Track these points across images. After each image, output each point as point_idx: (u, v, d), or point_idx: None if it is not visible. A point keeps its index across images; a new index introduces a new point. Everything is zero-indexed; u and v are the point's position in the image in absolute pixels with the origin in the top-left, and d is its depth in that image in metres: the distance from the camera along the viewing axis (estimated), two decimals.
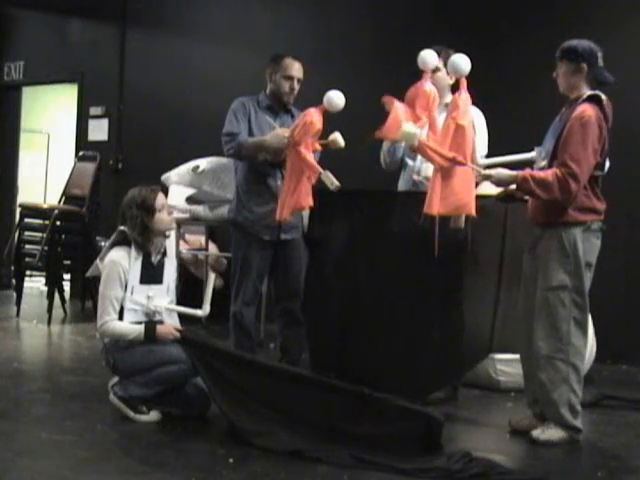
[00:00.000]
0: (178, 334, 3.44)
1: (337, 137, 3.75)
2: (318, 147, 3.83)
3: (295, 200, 3.70)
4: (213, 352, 3.39)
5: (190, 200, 5.92)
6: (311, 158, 3.71)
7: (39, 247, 6.29)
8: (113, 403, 3.55)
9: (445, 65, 3.90)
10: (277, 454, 3.03)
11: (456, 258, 3.57)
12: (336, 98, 3.68)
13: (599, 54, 3.37)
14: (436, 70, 3.95)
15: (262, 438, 3.14)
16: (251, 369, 3.35)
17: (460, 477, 2.85)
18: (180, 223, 5.87)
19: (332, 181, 3.58)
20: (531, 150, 3.52)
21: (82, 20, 7.89)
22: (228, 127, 4.09)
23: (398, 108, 3.46)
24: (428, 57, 3.61)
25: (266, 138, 3.95)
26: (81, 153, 7.57)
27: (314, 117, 3.69)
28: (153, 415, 3.48)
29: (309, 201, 3.71)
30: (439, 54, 3.94)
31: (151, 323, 3.50)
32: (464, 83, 3.41)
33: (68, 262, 6.64)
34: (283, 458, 2.99)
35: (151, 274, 3.59)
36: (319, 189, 3.74)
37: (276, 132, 3.91)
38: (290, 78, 4.10)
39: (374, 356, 3.72)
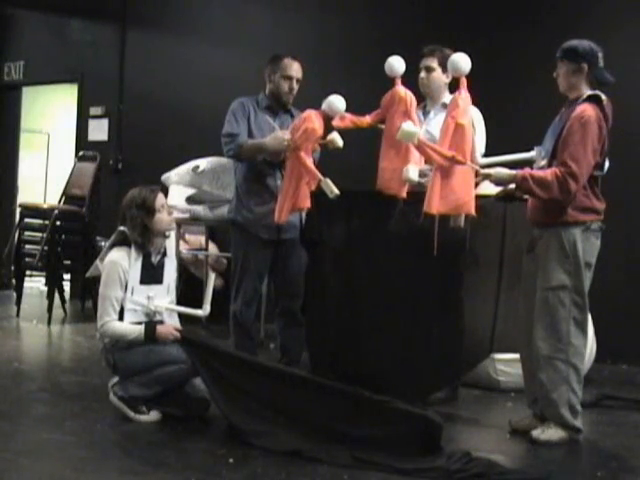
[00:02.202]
0: (178, 334, 3.44)
1: (335, 137, 3.75)
2: (317, 147, 3.83)
3: (293, 202, 3.72)
4: (213, 352, 3.39)
5: (190, 200, 5.92)
6: (311, 164, 3.72)
7: (39, 247, 6.29)
8: (113, 403, 3.55)
9: (440, 64, 3.92)
10: (277, 454, 3.03)
11: (456, 258, 3.57)
12: (337, 102, 3.68)
13: (599, 54, 3.37)
14: (431, 70, 3.98)
15: (262, 439, 3.14)
16: (251, 370, 3.35)
17: (460, 477, 2.85)
18: (180, 223, 5.87)
19: (332, 189, 3.59)
20: (531, 150, 3.53)
21: (82, 20, 7.89)
22: (228, 128, 4.09)
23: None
24: (395, 64, 3.64)
25: (266, 141, 3.95)
26: (81, 153, 7.56)
27: (315, 124, 3.70)
28: (153, 415, 3.48)
29: (307, 202, 3.73)
30: (434, 54, 3.96)
31: (151, 323, 3.51)
32: (464, 82, 3.41)
33: (68, 262, 6.64)
34: (283, 458, 3.00)
35: (151, 274, 3.59)
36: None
37: (276, 134, 3.91)
38: (289, 78, 4.10)
39: (374, 357, 3.71)
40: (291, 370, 3.57)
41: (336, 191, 3.60)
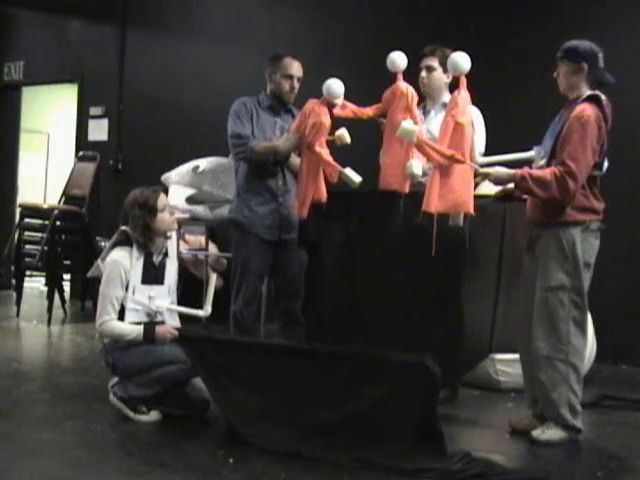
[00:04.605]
0: (176, 332, 3.43)
1: (344, 133, 3.74)
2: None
3: (312, 196, 3.73)
4: (211, 343, 3.38)
5: (190, 200, 5.92)
6: (329, 157, 3.70)
7: (39, 247, 6.30)
8: (113, 403, 3.55)
9: (441, 64, 3.92)
10: (277, 454, 3.03)
11: (455, 258, 3.57)
12: (335, 86, 3.67)
13: (600, 55, 3.37)
14: (432, 70, 3.98)
15: (262, 440, 3.13)
16: (250, 352, 3.33)
17: (460, 477, 2.85)
18: (180, 223, 5.87)
19: (353, 180, 3.59)
20: (530, 149, 3.53)
21: (82, 20, 7.90)
22: (235, 129, 4.06)
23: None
24: (397, 59, 3.64)
25: (278, 144, 3.95)
26: (81, 153, 7.58)
27: (322, 117, 3.69)
28: (153, 415, 3.48)
29: (325, 194, 3.73)
30: (434, 53, 3.96)
31: (150, 325, 3.50)
32: (464, 81, 3.41)
33: (68, 262, 6.65)
34: (283, 458, 2.99)
35: (152, 274, 3.59)
36: None
37: (287, 137, 3.91)
38: (290, 77, 4.10)
39: None
40: (290, 344, 3.54)
41: (358, 179, 3.59)
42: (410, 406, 3.03)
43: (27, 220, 6.52)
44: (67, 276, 7.02)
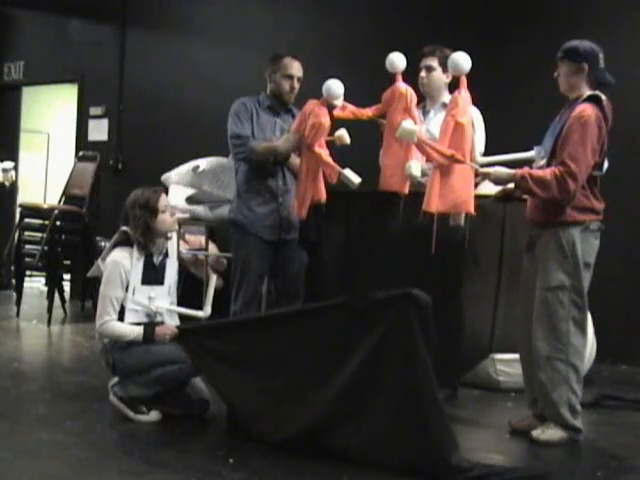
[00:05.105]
0: (176, 330, 3.43)
1: (343, 133, 3.75)
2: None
3: (312, 196, 3.73)
4: (205, 332, 3.38)
5: (190, 200, 5.91)
6: (329, 158, 3.70)
7: (39, 247, 6.30)
8: (113, 403, 3.55)
9: (440, 64, 3.93)
10: (276, 454, 3.02)
11: (455, 258, 3.57)
12: (335, 87, 3.67)
13: (600, 55, 3.37)
14: (431, 70, 3.99)
15: (263, 424, 3.13)
16: (242, 330, 3.33)
17: (460, 478, 2.84)
18: (180, 223, 5.86)
19: (352, 181, 3.59)
20: (530, 149, 3.53)
21: (82, 20, 7.90)
22: (235, 129, 4.06)
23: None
24: (396, 60, 3.65)
25: (278, 144, 3.95)
26: (81, 153, 7.57)
27: (321, 118, 3.69)
28: (153, 415, 3.48)
29: (324, 195, 3.73)
30: (434, 53, 3.97)
31: (150, 327, 3.50)
32: (464, 81, 3.41)
33: (68, 262, 6.64)
34: (283, 458, 2.99)
35: (153, 275, 3.59)
36: None
37: (287, 137, 3.91)
38: (290, 77, 4.10)
39: None
40: (278, 311, 3.58)
41: (357, 180, 3.59)
42: (403, 352, 2.95)
43: (27, 220, 6.52)
44: (67, 276, 7.02)
